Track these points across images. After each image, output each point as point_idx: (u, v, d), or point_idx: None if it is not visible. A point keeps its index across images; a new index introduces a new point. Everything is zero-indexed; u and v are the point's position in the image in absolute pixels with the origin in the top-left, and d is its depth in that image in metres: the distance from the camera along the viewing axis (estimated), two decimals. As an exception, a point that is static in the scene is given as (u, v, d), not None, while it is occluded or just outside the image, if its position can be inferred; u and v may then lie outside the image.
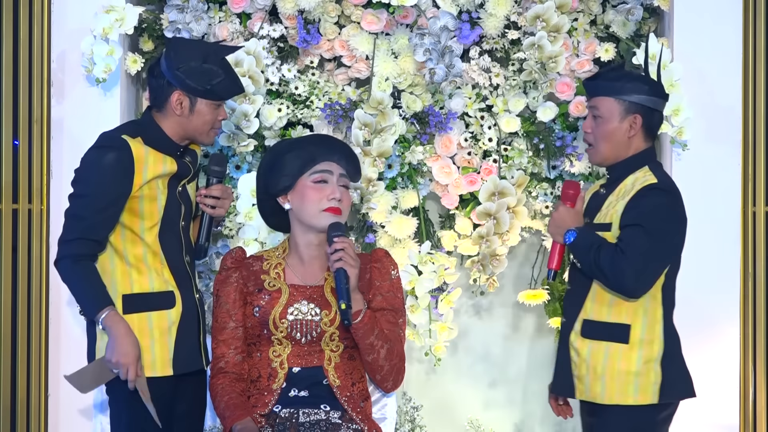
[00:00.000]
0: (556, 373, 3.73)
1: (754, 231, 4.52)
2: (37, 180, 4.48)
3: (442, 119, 4.44)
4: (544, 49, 4.38)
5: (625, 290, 3.54)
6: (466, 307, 4.73)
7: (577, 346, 3.63)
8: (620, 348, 3.57)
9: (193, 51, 3.67)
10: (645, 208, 3.53)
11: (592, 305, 3.62)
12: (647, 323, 3.58)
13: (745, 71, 4.48)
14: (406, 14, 4.47)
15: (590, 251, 3.55)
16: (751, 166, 4.50)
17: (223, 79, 3.67)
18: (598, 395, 3.59)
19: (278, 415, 3.53)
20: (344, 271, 3.47)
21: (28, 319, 4.49)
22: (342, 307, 3.44)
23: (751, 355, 4.49)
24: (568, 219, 3.67)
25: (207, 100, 3.66)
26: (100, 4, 4.32)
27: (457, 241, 4.54)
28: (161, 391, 3.60)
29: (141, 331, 3.58)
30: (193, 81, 3.63)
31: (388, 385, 3.60)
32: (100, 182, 3.57)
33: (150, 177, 3.60)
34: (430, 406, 4.67)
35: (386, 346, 3.53)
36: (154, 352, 3.60)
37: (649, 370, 3.56)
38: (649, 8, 4.51)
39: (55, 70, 4.45)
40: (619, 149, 3.65)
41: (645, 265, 3.51)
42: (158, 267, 3.64)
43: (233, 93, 3.75)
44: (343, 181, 3.61)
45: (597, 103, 3.65)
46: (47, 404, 4.47)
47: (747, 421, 4.50)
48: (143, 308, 3.61)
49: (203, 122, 3.68)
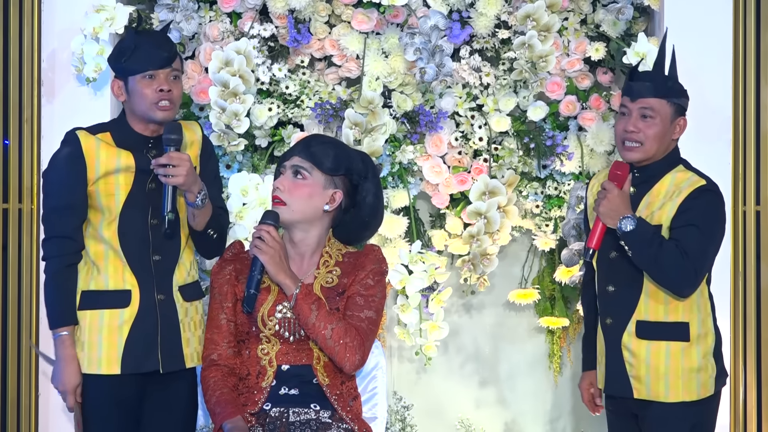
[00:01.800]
0: (609, 373, 3.69)
1: (745, 230, 4.52)
2: (28, 179, 4.47)
3: (432, 118, 4.44)
4: (534, 49, 4.38)
5: (681, 290, 3.57)
6: (457, 306, 4.74)
7: (632, 347, 3.62)
8: (681, 346, 3.59)
9: (122, 39, 3.75)
10: (699, 210, 3.55)
11: (647, 306, 3.61)
12: (701, 318, 3.61)
13: (735, 70, 4.49)
14: (396, 13, 4.48)
15: (652, 245, 3.54)
16: (741, 165, 4.50)
17: (133, 51, 3.64)
18: (662, 394, 3.59)
19: (268, 414, 3.52)
20: (258, 259, 3.49)
21: (19, 318, 4.48)
22: (245, 294, 3.49)
23: (742, 354, 4.49)
24: (622, 203, 3.62)
25: (132, 77, 3.64)
26: (91, 4, 4.32)
27: (448, 241, 4.54)
28: (114, 390, 3.62)
29: (91, 328, 3.62)
30: (113, 64, 3.69)
31: (345, 365, 3.52)
32: (57, 179, 3.65)
33: (103, 171, 3.62)
34: (420, 406, 4.67)
35: (330, 327, 3.48)
36: (102, 349, 3.61)
37: (707, 363, 3.60)
38: (639, 7, 4.52)
39: (45, 69, 4.45)
40: (662, 150, 3.66)
41: (702, 266, 3.56)
42: (118, 265, 3.64)
43: (151, 61, 3.64)
44: (296, 169, 3.54)
45: (652, 104, 3.63)
46: (38, 404, 4.47)
47: (737, 420, 4.50)
48: (96, 305, 3.63)
49: (141, 99, 3.64)
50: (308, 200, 3.54)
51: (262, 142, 4.52)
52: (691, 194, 3.58)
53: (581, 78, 4.55)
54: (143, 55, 3.64)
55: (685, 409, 3.59)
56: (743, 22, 4.50)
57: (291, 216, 3.54)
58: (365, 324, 3.54)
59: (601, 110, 4.54)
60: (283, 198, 3.53)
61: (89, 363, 3.62)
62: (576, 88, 4.55)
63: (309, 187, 3.55)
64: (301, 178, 3.54)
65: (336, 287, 3.57)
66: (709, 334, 3.62)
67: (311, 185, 3.55)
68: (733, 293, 4.48)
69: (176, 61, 3.70)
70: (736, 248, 4.50)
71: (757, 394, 4.51)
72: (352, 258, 3.64)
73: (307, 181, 3.54)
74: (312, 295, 3.51)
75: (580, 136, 4.54)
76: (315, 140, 3.62)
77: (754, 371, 4.50)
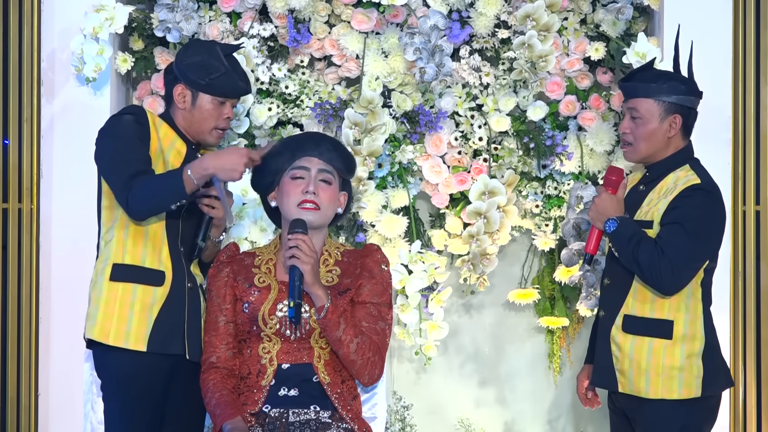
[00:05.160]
0: (596, 366, 3.74)
1: (744, 230, 4.52)
2: (27, 179, 4.48)
3: (432, 118, 4.44)
4: (534, 48, 4.39)
5: (660, 287, 3.58)
6: (457, 306, 4.73)
7: (619, 341, 3.65)
8: (663, 343, 3.60)
9: (200, 47, 3.76)
10: (687, 208, 3.56)
11: (634, 300, 3.64)
12: (689, 319, 3.61)
13: (735, 70, 4.49)
14: (396, 13, 4.48)
15: (630, 243, 3.58)
16: (741, 165, 4.51)
17: (222, 75, 3.71)
18: (643, 390, 3.61)
19: (268, 415, 3.52)
20: (297, 269, 3.47)
21: (18, 317, 4.48)
22: (290, 305, 3.45)
23: (741, 354, 4.50)
24: (610, 206, 3.67)
25: (208, 95, 3.72)
26: (90, 4, 4.33)
27: (448, 240, 4.54)
28: (140, 371, 3.62)
29: (123, 301, 3.62)
30: (193, 74, 3.70)
31: (363, 379, 3.57)
32: (122, 134, 3.63)
33: (160, 146, 3.66)
34: (420, 406, 4.67)
35: (356, 341, 3.51)
36: (131, 324, 3.62)
37: (691, 364, 3.60)
38: (639, 7, 4.52)
39: (45, 69, 4.45)
40: (658, 149, 3.68)
41: (682, 264, 3.55)
42: (157, 244, 3.67)
43: (234, 90, 3.77)
44: (324, 175, 3.59)
45: (636, 105, 3.67)
46: (37, 403, 4.47)
47: (737, 420, 4.50)
48: (130, 279, 3.63)
49: (205, 117, 3.73)
50: (333, 204, 3.62)
51: (262, 142, 4.51)
52: (683, 192, 3.59)
53: (581, 78, 4.55)
54: (230, 82, 3.73)
55: (673, 409, 3.60)
56: (743, 22, 4.51)
57: (322, 220, 3.59)
58: (381, 337, 3.58)
59: (600, 110, 4.54)
60: (317, 202, 3.57)
61: (116, 335, 3.61)
62: (576, 88, 4.55)
63: (334, 192, 3.62)
64: (327, 184, 3.60)
65: (336, 286, 3.58)
66: (697, 336, 3.61)
67: (334, 189, 3.62)
68: (733, 293, 4.48)
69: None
70: (736, 248, 4.50)
71: (757, 395, 4.51)
72: (352, 257, 3.65)
73: (332, 186, 3.61)
74: (339, 307, 3.53)
75: (579, 136, 4.54)
76: (328, 142, 3.66)
77: (753, 371, 4.50)
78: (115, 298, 3.63)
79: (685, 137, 3.72)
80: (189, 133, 3.76)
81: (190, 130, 3.76)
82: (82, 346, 3.79)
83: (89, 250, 3.88)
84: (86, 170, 4.20)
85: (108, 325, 3.62)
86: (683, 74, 3.76)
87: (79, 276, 4.12)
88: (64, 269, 4.40)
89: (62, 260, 4.42)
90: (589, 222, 3.80)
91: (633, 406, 3.67)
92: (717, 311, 3.73)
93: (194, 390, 3.66)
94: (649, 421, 3.63)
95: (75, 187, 4.37)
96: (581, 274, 4.14)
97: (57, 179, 4.44)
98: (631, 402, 3.67)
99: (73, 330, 3.79)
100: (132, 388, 3.63)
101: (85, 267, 3.88)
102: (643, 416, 3.64)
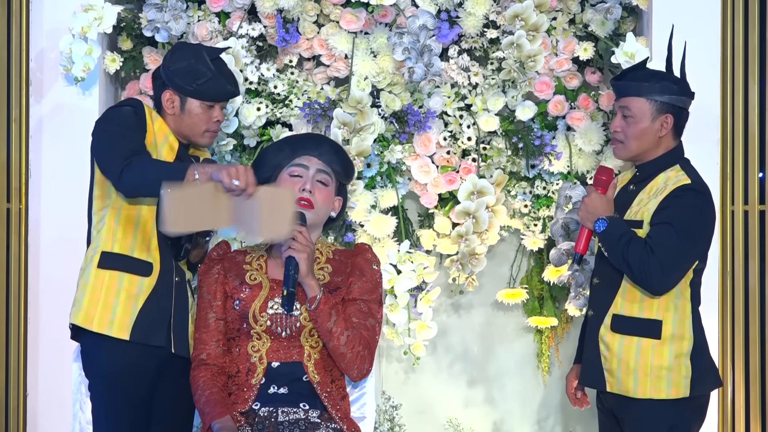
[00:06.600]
0: (585, 365, 3.75)
1: (733, 230, 4.53)
2: (16, 179, 4.47)
3: (421, 118, 4.44)
4: (522, 48, 4.39)
5: (649, 287, 3.59)
6: (446, 305, 4.74)
7: (607, 340, 3.66)
8: (652, 343, 3.61)
9: (187, 52, 3.76)
10: (677, 208, 3.57)
11: (623, 300, 3.65)
12: (678, 319, 3.62)
13: (723, 70, 4.50)
14: (385, 13, 4.48)
15: (619, 243, 3.59)
16: (729, 165, 4.52)
17: (209, 80, 3.72)
18: (631, 389, 3.62)
19: (257, 414, 3.52)
20: (293, 259, 3.48)
21: (7, 318, 4.48)
22: (284, 293, 3.46)
23: (730, 353, 4.50)
24: (600, 206, 3.68)
25: (196, 100, 3.73)
26: (79, 3, 4.33)
27: (436, 240, 4.54)
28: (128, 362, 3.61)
29: (109, 288, 3.63)
30: (180, 80, 3.71)
31: (353, 373, 3.58)
32: (123, 121, 3.62)
33: (154, 139, 3.66)
34: (409, 405, 4.67)
35: (347, 333, 3.52)
36: (116, 312, 3.62)
37: (680, 364, 3.60)
38: (627, 7, 4.52)
39: (33, 69, 4.45)
40: (649, 148, 3.69)
41: (672, 264, 3.56)
42: (146, 235, 3.67)
43: (222, 94, 3.77)
44: (321, 176, 3.61)
45: (628, 104, 3.68)
46: (26, 403, 4.46)
47: (726, 420, 4.51)
48: (118, 267, 3.64)
49: (195, 122, 3.74)
50: (327, 206, 3.63)
51: (251, 142, 4.52)
52: (673, 192, 3.60)
53: (570, 78, 4.55)
54: (217, 86, 3.74)
55: (661, 409, 3.61)
56: (731, 22, 4.52)
57: (314, 219, 3.60)
58: (371, 333, 3.59)
59: (589, 110, 4.55)
60: (312, 201, 3.58)
61: (100, 322, 3.62)
62: (564, 88, 4.56)
63: (329, 193, 3.64)
64: (323, 185, 3.61)
65: (327, 284, 3.59)
66: (685, 336, 3.62)
67: (330, 191, 3.64)
68: (721, 292, 4.49)
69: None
70: (724, 248, 4.51)
71: (745, 394, 4.51)
72: (343, 257, 3.66)
73: (328, 188, 3.63)
74: (331, 299, 3.54)
75: (568, 136, 4.54)
76: (329, 144, 3.68)
77: (742, 371, 4.51)
78: (101, 285, 3.64)
79: (676, 137, 3.72)
80: (180, 135, 3.77)
81: (180, 133, 3.76)
82: (70, 347, 3.79)
83: (78, 250, 3.87)
84: (75, 170, 4.20)
85: (93, 311, 3.63)
86: (676, 74, 3.77)
87: (67, 276, 4.10)
88: (53, 269, 4.40)
89: (51, 260, 4.42)
90: (578, 222, 3.81)
91: (621, 405, 3.67)
92: (705, 311, 3.73)
93: (182, 388, 3.66)
94: (637, 421, 3.64)
95: (64, 187, 4.37)
96: (570, 273, 4.15)
97: (46, 179, 4.44)
98: (620, 402, 3.67)
99: (62, 330, 3.77)
100: (118, 386, 3.63)
101: (74, 267, 3.86)
102: (632, 416, 3.65)
